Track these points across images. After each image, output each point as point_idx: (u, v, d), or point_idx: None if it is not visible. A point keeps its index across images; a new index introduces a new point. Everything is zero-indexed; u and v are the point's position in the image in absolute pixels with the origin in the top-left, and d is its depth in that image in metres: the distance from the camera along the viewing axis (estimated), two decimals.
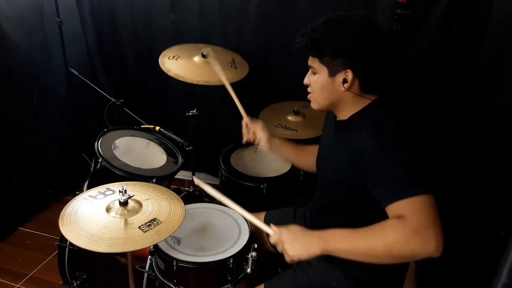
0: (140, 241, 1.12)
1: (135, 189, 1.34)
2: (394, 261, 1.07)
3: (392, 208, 1.04)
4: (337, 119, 1.25)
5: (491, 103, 1.57)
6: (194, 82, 1.88)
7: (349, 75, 1.11)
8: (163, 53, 2.01)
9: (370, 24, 1.13)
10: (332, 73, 1.14)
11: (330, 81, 1.15)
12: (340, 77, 1.13)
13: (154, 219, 1.20)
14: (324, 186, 1.33)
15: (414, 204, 1.00)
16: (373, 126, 1.11)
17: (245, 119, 1.54)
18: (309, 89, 1.23)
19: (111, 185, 1.38)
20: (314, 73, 1.19)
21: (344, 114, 1.20)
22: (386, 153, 1.06)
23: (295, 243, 1.11)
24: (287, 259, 1.13)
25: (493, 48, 1.62)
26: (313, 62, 1.17)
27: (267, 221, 1.61)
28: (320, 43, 1.11)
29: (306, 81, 1.23)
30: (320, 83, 1.17)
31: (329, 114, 1.37)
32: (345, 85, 1.12)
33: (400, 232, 1.00)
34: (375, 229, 1.05)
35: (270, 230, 1.18)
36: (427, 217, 0.99)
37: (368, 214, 1.16)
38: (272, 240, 1.17)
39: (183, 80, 1.88)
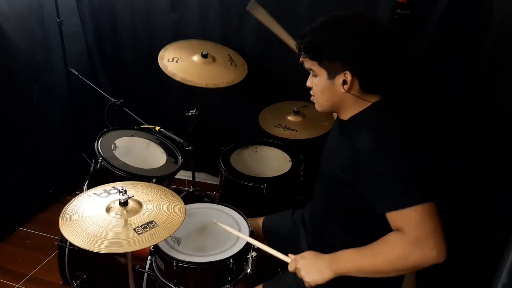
0: (132, 244, 1.12)
1: (138, 189, 1.34)
2: (402, 273, 1.10)
3: (390, 217, 1.05)
4: (341, 119, 1.25)
5: (491, 102, 1.57)
6: (203, 86, 1.87)
7: (348, 76, 1.10)
8: (160, 54, 1.99)
9: (367, 25, 1.11)
10: (331, 76, 1.13)
11: (329, 84, 1.15)
12: (339, 79, 1.12)
13: (150, 222, 1.20)
14: (324, 184, 1.33)
15: (411, 216, 1.01)
16: (370, 128, 1.11)
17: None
18: (311, 92, 1.23)
19: (116, 184, 1.38)
20: (315, 76, 1.19)
21: (346, 115, 1.20)
22: (381, 158, 1.05)
23: (310, 269, 1.15)
24: (306, 285, 1.16)
25: (493, 48, 1.62)
26: (312, 65, 1.17)
27: (265, 226, 1.61)
28: (317, 47, 1.11)
29: (308, 83, 1.23)
30: (321, 86, 1.17)
31: None
32: (345, 86, 1.12)
33: (400, 248, 1.02)
34: (378, 246, 1.07)
35: (288, 259, 1.21)
36: (425, 228, 1.00)
37: (366, 216, 1.16)
38: (290, 268, 1.20)
39: (191, 84, 1.87)
